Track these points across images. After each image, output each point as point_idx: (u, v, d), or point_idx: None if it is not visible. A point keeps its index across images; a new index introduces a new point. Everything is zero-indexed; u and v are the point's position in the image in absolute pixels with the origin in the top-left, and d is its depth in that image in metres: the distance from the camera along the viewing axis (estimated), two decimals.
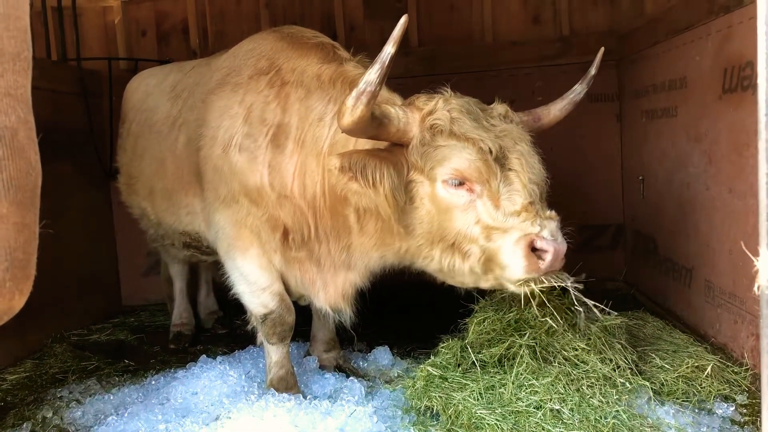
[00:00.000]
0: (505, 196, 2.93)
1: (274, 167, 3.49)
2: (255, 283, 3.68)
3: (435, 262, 3.16)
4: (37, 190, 1.31)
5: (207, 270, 5.52)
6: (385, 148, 3.12)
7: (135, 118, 4.77)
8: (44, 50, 6.05)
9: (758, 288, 1.12)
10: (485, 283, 3.16)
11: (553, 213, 2.96)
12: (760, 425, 1.20)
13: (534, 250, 2.86)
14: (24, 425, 3.63)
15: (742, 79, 3.57)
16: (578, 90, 3.58)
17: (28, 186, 1.27)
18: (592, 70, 3.60)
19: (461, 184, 2.96)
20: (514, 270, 2.91)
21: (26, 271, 1.29)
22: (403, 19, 2.61)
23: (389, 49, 2.66)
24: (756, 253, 1.14)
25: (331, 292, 3.66)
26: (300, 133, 3.46)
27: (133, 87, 5.06)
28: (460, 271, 3.11)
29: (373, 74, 2.72)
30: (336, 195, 3.33)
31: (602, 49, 3.61)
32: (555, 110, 3.54)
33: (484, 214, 2.95)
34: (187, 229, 4.22)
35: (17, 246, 1.25)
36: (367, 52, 3.75)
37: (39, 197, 1.32)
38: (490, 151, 2.94)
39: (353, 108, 2.77)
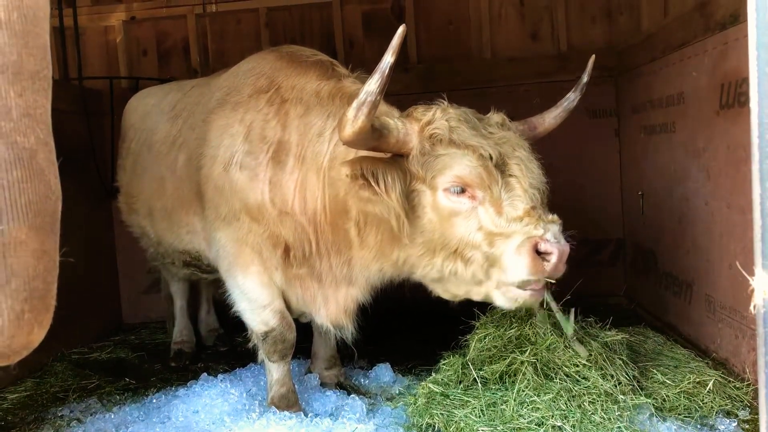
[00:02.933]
0: (507, 202, 2.96)
1: (275, 184, 3.51)
2: (256, 300, 3.69)
3: (435, 271, 3.16)
4: (57, 215, 1.23)
5: (208, 288, 5.52)
6: (386, 159, 3.13)
7: (134, 138, 4.79)
8: None
9: (754, 307, 1.13)
10: (482, 290, 3.14)
11: (555, 216, 2.99)
12: None
13: (538, 253, 2.87)
14: None
15: (738, 95, 3.59)
16: (572, 98, 3.62)
17: (47, 210, 1.19)
18: (585, 78, 3.64)
19: (463, 191, 2.99)
20: (518, 272, 2.91)
21: (46, 302, 1.21)
22: (401, 29, 2.63)
23: (388, 59, 2.67)
24: (752, 271, 1.15)
25: (333, 308, 3.66)
26: (300, 150, 3.48)
27: (133, 106, 5.09)
28: (462, 278, 3.11)
29: (373, 84, 2.74)
30: (336, 209, 3.36)
31: (593, 56, 3.65)
32: (549, 118, 3.58)
33: (487, 221, 2.97)
34: (188, 248, 4.23)
35: (36, 275, 1.17)
36: (366, 68, 3.79)
37: (59, 222, 1.24)
38: (491, 158, 2.97)
39: (354, 119, 2.78)
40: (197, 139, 3.89)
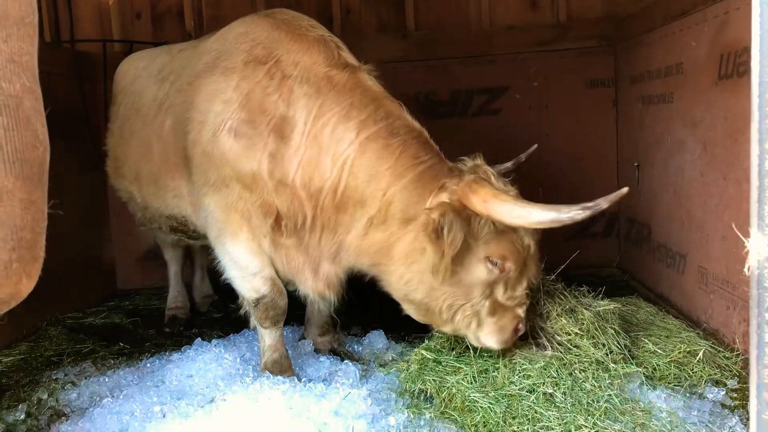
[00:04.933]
0: (511, 283, 3.33)
1: (275, 156, 3.47)
2: (246, 268, 3.68)
3: (432, 304, 3.35)
4: (45, 165, 1.22)
5: (201, 254, 5.51)
6: (461, 211, 3.18)
7: (123, 101, 4.75)
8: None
9: (748, 269, 1.14)
10: (460, 333, 3.46)
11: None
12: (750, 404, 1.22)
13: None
14: (19, 407, 3.64)
15: (738, 65, 3.57)
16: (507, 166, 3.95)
17: (35, 160, 1.18)
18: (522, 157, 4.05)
19: (499, 264, 3.24)
20: (501, 341, 3.36)
21: (34, 252, 1.20)
22: (624, 190, 2.84)
23: (603, 204, 2.84)
24: (748, 234, 1.15)
25: (318, 280, 3.66)
26: (310, 129, 3.44)
27: (123, 70, 5.02)
28: (448, 323, 3.38)
29: (579, 215, 2.87)
30: (354, 197, 3.38)
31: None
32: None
33: (499, 293, 3.32)
34: (174, 213, 4.21)
35: (24, 225, 1.17)
36: (364, 35, 3.75)
37: (47, 173, 1.22)
38: (530, 247, 3.29)
39: (519, 218, 2.99)
40: (184, 103, 3.84)
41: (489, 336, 3.35)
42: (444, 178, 3.29)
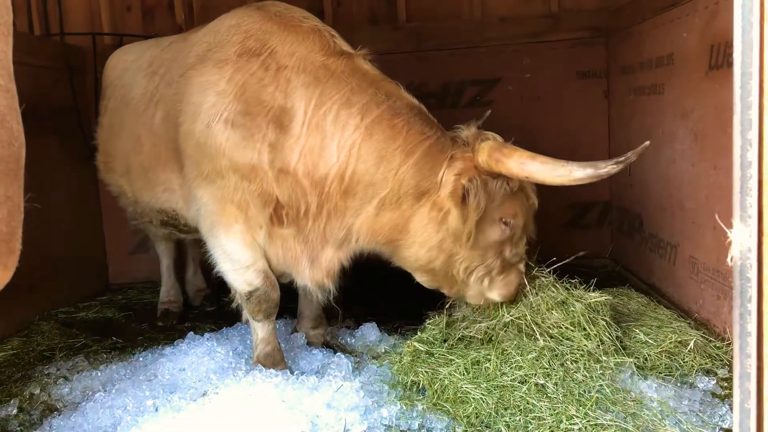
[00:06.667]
0: (515, 241, 3.55)
1: (275, 146, 3.46)
2: (239, 261, 3.67)
3: (454, 268, 3.51)
4: (21, 161, 1.25)
5: (194, 248, 5.50)
6: (485, 176, 3.34)
7: (112, 95, 4.72)
8: (26, 24, 5.95)
9: (731, 259, 1.14)
10: (467, 292, 3.62)
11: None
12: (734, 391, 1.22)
13: None
14: (11, 402, 3.63)
15: (728, 56, 3.57)
16: None
17: (10, 157, 1.21)
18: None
19: (511, 223, 3.45)
20: (507, 295, 3.60)
21: (10, 245, 1.24)
22: (647, 144, 3.02)
23: (632, 157, 3.02)
24: (731, 224, 1.16)
25: (316, 269, 3.66)
26: (311, 117, 3.44)
27: (112, 63, 4.99)
28: (467, 284, 3.56)
29: (614, 169, 3.03)
30: (364, 180, 3.40)
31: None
32: None
33: (507, 252, 3.53)
34: (164, 207, 4.20)
35: (0, 219, 1.20)
36: (355, 27, 3.74)
37: (23, 169, 1.25)
38: (534, 205, 3.53)
39: (561, 177, 3.08)
40: (175, 95, 3.82)
41: (497, 292, 3.58)
42: (450, 149, 3.42)
